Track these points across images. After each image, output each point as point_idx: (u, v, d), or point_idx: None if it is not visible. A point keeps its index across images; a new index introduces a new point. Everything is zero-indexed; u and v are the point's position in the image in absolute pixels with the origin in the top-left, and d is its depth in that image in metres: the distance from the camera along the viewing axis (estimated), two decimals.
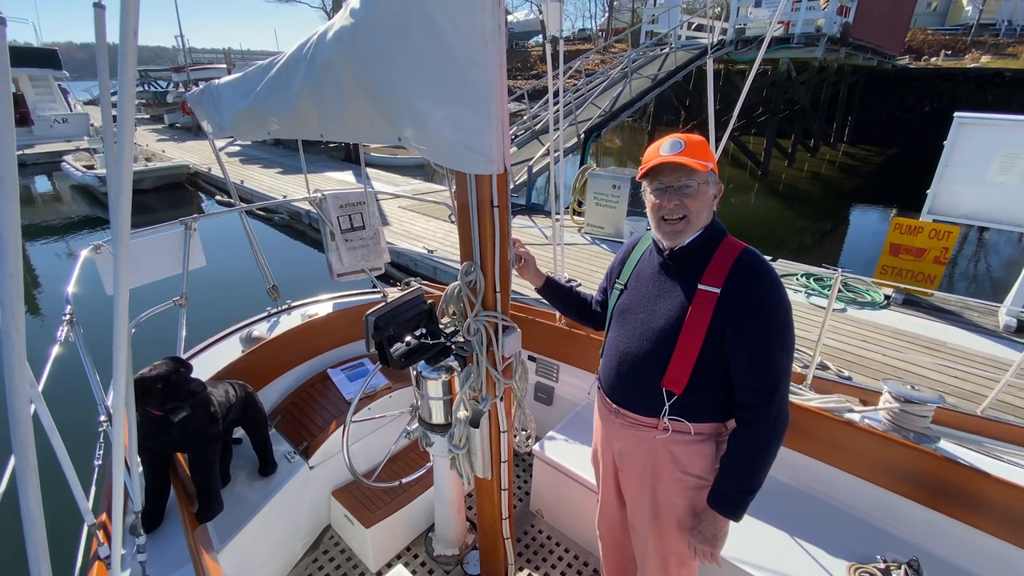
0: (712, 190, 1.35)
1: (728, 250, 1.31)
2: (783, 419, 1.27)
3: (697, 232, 1.36)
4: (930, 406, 1.93)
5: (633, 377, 1.43)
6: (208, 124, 2.49)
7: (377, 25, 1.26)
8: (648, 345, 1.38)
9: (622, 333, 1.47)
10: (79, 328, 1.79)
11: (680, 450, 1.40)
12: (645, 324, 1.40)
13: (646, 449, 1.45)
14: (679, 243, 1.37)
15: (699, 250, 1.35)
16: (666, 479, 1.44)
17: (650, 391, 1.39)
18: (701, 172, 1.30)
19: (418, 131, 1.32)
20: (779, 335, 1.25)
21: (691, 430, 1.37)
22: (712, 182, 1.35)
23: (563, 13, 2.53)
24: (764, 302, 1.25)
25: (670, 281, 1.39)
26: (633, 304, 1.46)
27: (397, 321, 1.57)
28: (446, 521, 2.23)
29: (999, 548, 1.72)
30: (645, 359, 1.39)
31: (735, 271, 1.27)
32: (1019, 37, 25.26)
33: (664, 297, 1.38)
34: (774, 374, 1.25)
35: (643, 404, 1.42)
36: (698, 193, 1.32)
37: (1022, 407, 3.85)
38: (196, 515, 1.73)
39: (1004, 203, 4.74)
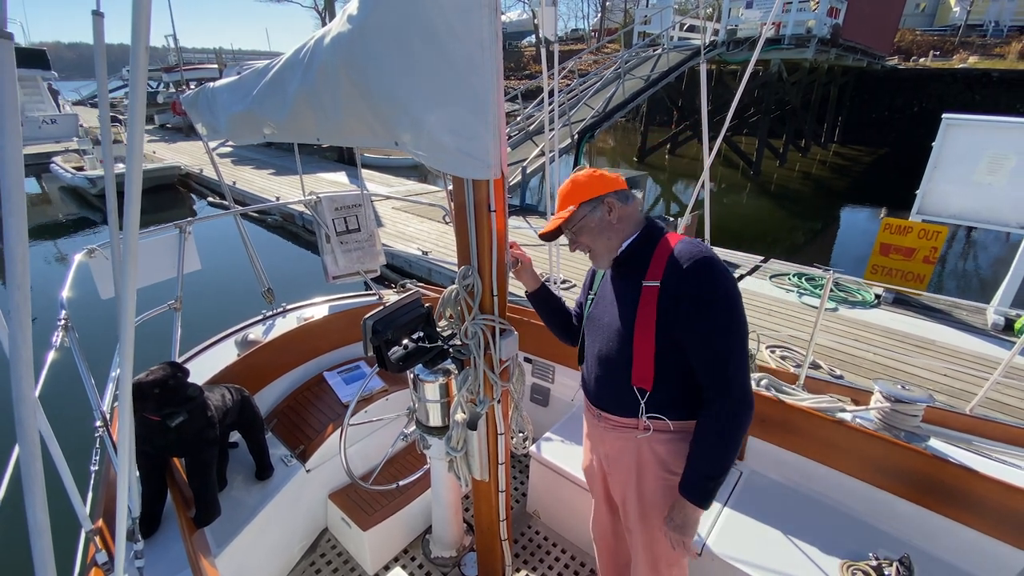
0: (597, 214, 1.43)
1: (666, 245, 1.37)
2: (743, 402, 1.28)
3: (626, 239, 1.44)
4: (920, 405, 1.96)
5: (607, 380, 1.49)
6: (203, 127, 2.48)
7: (375, 31, 1.27)
8: (613, 346, 1.44)
9: (593, 340, 1.55)
10: (74, 333, 1.78)
11: (663, 449, 1.43)
12: (608, 328, 1.47)
13: (631, 450, 1.48)
14: (604, 265, 1.49)
15: (638, 252, 1.41)
16: (651, 479, 1.47)
17: (624, 391, 1.43)
18: (571, 217, 1.44)
19: (416, 136, 1.33)
20: (723, 317, 1.27)
21: (671, 427, 1.41)
22: (591, 210, 1.43)
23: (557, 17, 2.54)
24: (701, 286, 1.27)
25: (621, 284, 1.45)
26: (598, 311, 1.54)
27: (395, 325, 1.58)
28: (443, 523, 2.24)
29: (988, 544, 1.75)
30: (614, 361, 1.44)
31: (671, 261, 1.32)
32: (1006, 38, 25.57)
33: (619, 300, 1.45)
34: (723, 356, 1.27)
35: (621, 405, 1.46)
36: (582, 230, 1.46)
37: (1011, 404, 3.91)
38: (193, 520, 1.73)
39: (991, 203, 4.81)
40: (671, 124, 21.05)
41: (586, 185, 1.44)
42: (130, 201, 0.82)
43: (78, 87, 40.35)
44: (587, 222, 1.44)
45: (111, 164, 1.24)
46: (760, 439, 2.20)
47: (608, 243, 1.44)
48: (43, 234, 10.66)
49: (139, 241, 2.46)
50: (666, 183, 16.71)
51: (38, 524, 0.67)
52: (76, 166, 13.05)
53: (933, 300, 5.58)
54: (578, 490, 2.25)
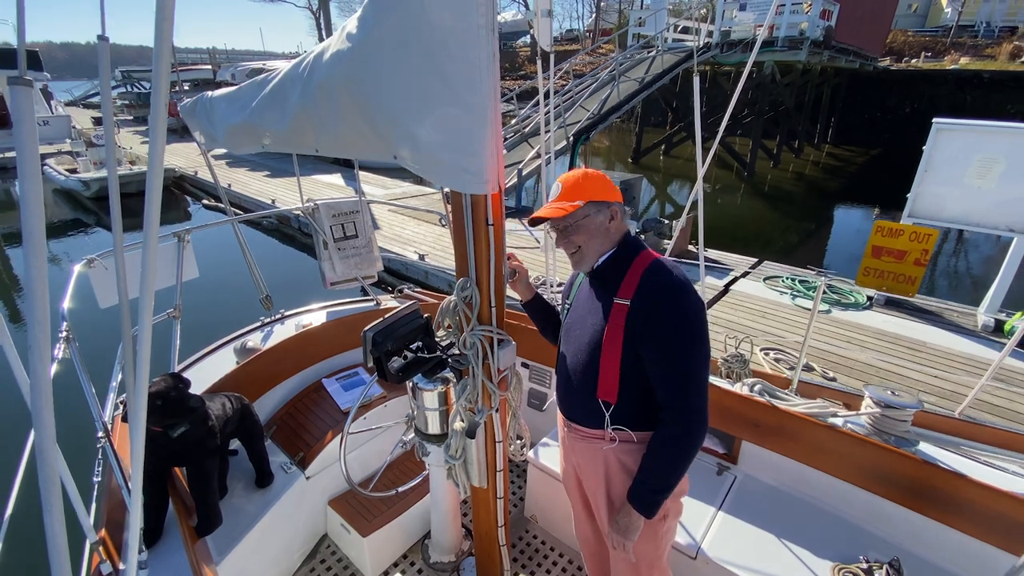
0: (600, 217, 1.42)
1: (640, 263, 1.40)
2: (696, 423, 1.32)
3: (608, 251, 1.45)
4: (909, 411, 2.00)
5: (575, 392, 1.52)
6: (200, 135, 2.50)
7: (374, 50, 1.29)
8: (582, 359, 1.47)
9: (565, 350, 1.57)
10: (75, 344, 1.80)
11: (628, 458, 1.47)
12: (579, 340, 1.50)
13: (598, 460, 1.52)
14: (586, 268, 1.49)
15: (615, 267, 1.44)
16: (619, 487, 1.50)
17: (590, 403, 1.47)
18: (575, 212, 1.40)
19: (414, 152, 1.36)
20: (684, 340, 1.31)
21: (634, 438, 1.45)
22: (596, 212, 1.42)
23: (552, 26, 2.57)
24: (667, 309, 1.31)
25: (594, 298, 1.48)
26: (572, 323, 1.56)
27: (394, 336, 1.60)
28: (442, 529, 2.26)
29: (976, 547, 1.79)
30: (582, 373, 1.48)
31: (643, 282, 1.36)
32: (997, 38, 25.81)
33: (591, 313, 1.47)
34: (682, 379, 1.31)
35: (587, 417, 1.50)
36: (579, 228, 1.43)
37: (1000, 405, 3.97)
38: (195, 529, 1.75)
39: (981, 206, 4.87)
40: (666, 125, 21.12)
41: (598, 185, 1.44)
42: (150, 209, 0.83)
43: (70, 87, 40.05)
44: (588, 222, 1.43)
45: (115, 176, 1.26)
46: (753, 444, 2.23)
47: (599, 248, 1.45)
48: None
49: (137, 251, 2.48)
50: (660, 184, 16.78)
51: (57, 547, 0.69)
52: (69, 168, 12.95)
53: (924, 301, 5.65)
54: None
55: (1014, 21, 27.85)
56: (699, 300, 1.35)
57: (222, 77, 24.35)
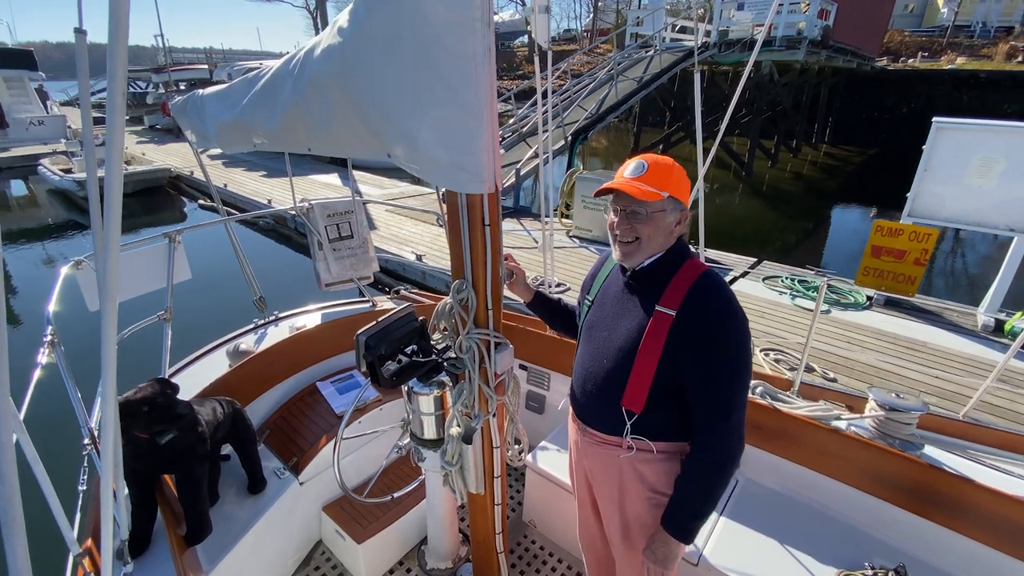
0: (671, 217, 1.33)
1: (688, 273, 1.32)
2: (736, 446, 1.27)
3: (657, 254, 1.36)
4: (914, 414, 1.96)
5: (596, 396, 1.45)
6: (192, 134, 2.45)
7: (366, 45, 1.25)
8: (608, 364, 1.39)
9: (586, 351, 1.49)
10: (61, 348, 1.75)
11: (645, 468, 1.41)
12: (607, 342, 1.41)
13: (614, 467, 1.46)
14: (633, 264, 1.38)
15: (660, 271, 1.35)
16: (634, 496, 1.45)
17: (611, 410, 1.40)
18: (654, 201, 1.29)
19: (408, 150, 1.31)
20: (732, 361, 1.25)
21: (653, 449, 1.39)
22: (671, 209, 1.32)
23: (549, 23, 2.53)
24: (717, 328, 1.25)
25: (632, 300, 1.39)
26: (597, 321, 1.47)
27: (388, 339, 1.56)
28: (439, 535, 2.22)
29: (984, 554, 1.75)
30: (606, 378, 1.40)
31: (692, 294, 1.27)
32: (993, 38, 25.88)
33: (625, 316, 1.38)
34: (727, 400, 1.25)
35: (606, 423, 1.43)
36: (650, 220, 1.31)
37: (1002, 406, 3.95)
38: (184, 538, 1.71)
39: (981, 206, 4.84)
40: (663, 125, 21.10)
41: (682, 182, 1.34)
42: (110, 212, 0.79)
43: (66, 87, 39.81)
44: (661, 217, 1.32)
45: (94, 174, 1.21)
46: (756, 447, 2.19)
47: (656, 248, 1.35)
48: (30, 237, 10.53)
49: (126, 252, 2.44)
50: None
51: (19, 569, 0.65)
52: (64, 168, 12.87)
53: (924, 301, 5.62)
54: (574, 500, 2.23)
55: (1010, 21, 27.93)
56: (745, 318, 1.29)
57: (218, 77, 24.22)
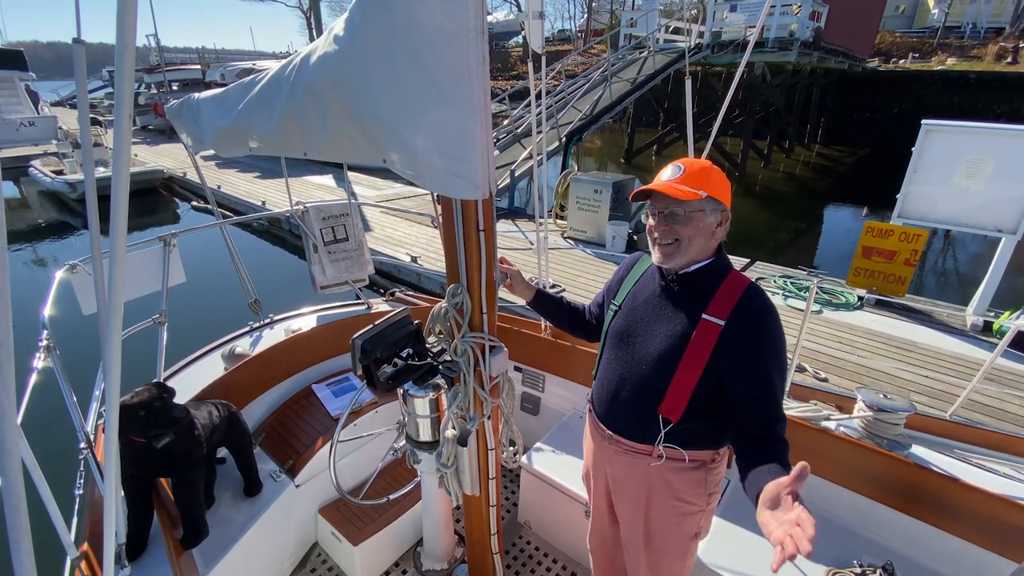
0: (711, 218, 1.30)
1: (735, 284, 1.30)
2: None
3: (702, 261, 1.34)
4: (901, 414, 2.00)
5: (629, 403, 1.41)
6: (188, 137, 2.46)
7: (362, 53, 1.27)
8: (646, 371, 1.36)
9: (618, 357, 1.45)
10: (56, 353, 1.75)
11: (674, 477, 1.40)
12: (643, 349, 1.37)
13: (640, 475, 1.44)
14: (674, 266, 1.35)
15: (706, 278, 1.33)
16: (659, 504, 1.44)
17: (646, 418, 1.37)
18: (692, 200, 1.27)
19: (403, 156, 1.33)
20: (780, 372, 1.27)
21: (685, 457, 1.37)
22: (711, 210, 1.30)
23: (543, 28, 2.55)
24: (768, 340, 1.25)
25: (671, 306, 1.36)
26: (629, 327, 1.43)
27: (384, 343, 1.57)
28: (434, 536, 2.23)
29: (970, 551, 1.79)
30: (642, 385, 1.37)
31: (742, 306, 1.26)
32: (983, 40, 26.14)
33: (664, 322, 1.35)
34: (779, 405, 1.27)
35: (638, 431, 1.41)
36: (689, 220, 1.29)
37: (989, 404, 4.00)
38: (181, 541, 1.71)
39: (969, 207, 4.91)
40: (657, 125, 21.20)
41: (721, 183, 1.31)
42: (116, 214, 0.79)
43: (56, 87, 39.49)
44: (700, 218, 1.29)
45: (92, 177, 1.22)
46: None
47: (696, 251, 1.32)
48: (22, 239, 10.44)
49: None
50: None
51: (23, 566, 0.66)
52: (55, 170, 12.77)
53: (914, 301, 5.69)
54: (569, 500, 2.26)
55: (999, 22, 28.22)
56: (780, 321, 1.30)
57: (211, 77, 24.11)
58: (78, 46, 0.98)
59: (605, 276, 6.40)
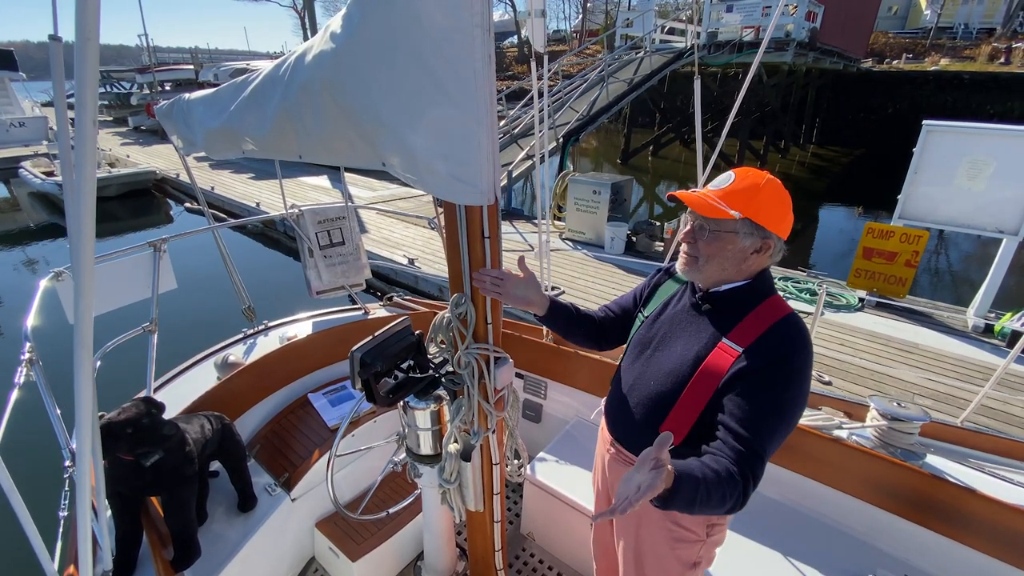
0: (745, 242, 1.18)
1: (769, 311, 1.19)
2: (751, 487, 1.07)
3: (738, 282, 1.24)
4: (916, 423, 1.95)
5: (634, 415, 1.36)
6: (178, 139, 2.38)
7: (360, 51, 1.20)
8: (655, 386, 1.30)
9: (633, 367, 1.39)
10: (39, 366, 1.67)
11: None
12: (657, 364, 1.31)
13: None
14: (695, 280, 1.29)
15: (738, 301, 1.23)
16: (652, 524, 1.38)
17: (647, 433, 1.27)
18: (725, 220, 1.16)
19: (404, 159, 1.27)
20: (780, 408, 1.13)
21: None
22: (745, 233, 1.18)
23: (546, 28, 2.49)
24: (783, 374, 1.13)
25: (695, 324, 1.28)
26: (651, 338, 1.37)
27: (385, 355, 1.51)
28: (436, 550, 2.16)
29: (986, 564, 1.74)
30: (649, 400, 1.31)
31: (769, 338, 1.15)
32: (975, 40, 26.30)
33: (682, 339, 1.28)
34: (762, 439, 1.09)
35: (637, 446, 1.33)
36: (714, 239, 1.20)
37: (997, 409, 3.97)
38: (171, 563, 1.64)
39: (971, 208, 4.89)
40: (653, 126, 21.19)
41: (771, 206, 1.18)
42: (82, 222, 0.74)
43: (48, 87, 39.14)
44: (732, 240, 1.18)
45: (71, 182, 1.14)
46: None
47: (719, 274, 1.23)
48: (12, 241, 10.30)
49: (110, 262, 2.36)
50: (649, 185, 16.81)
51: None
52: (46, 171, 12.61)
53: (915, 302, 5.67)
54: (573, 512, 2.20)
55: (991, 23, 28.41)
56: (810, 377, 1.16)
57: (204, 78, 23.95)
58: (55, 43, 0.91)
59: (604, 278, 6.34)
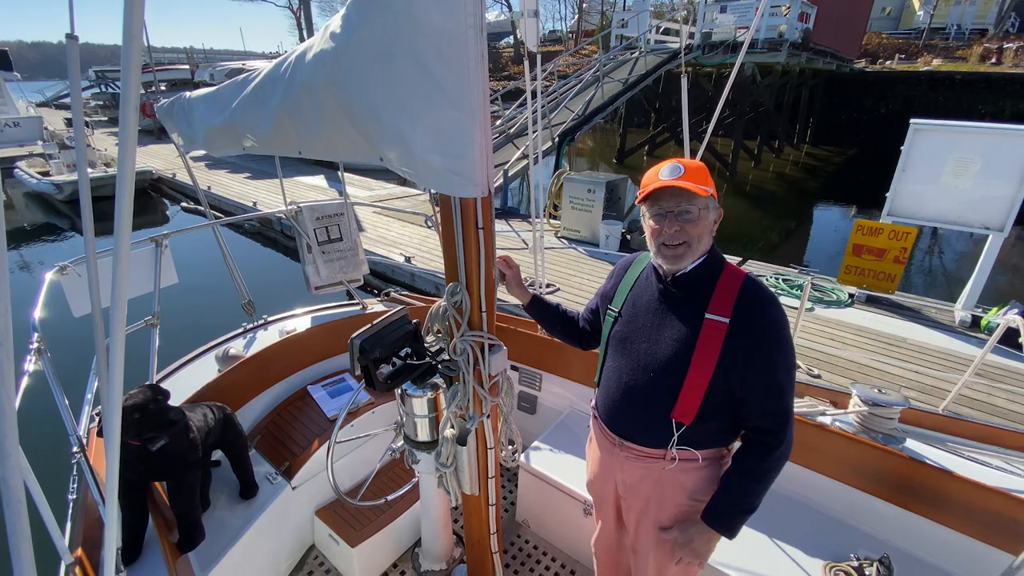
0: (712, 215, 1.33)
1: (731, 278, 1.30)
2: (789, 446, 1.30)
3: (699, 258, 1.34)
4: (896, 408, 2.02)
5: (639, 410, 1.40)
6: (179, 137, 2.43)
7: (360, 51, 1.26)
8: (655, 377, 1.35)
9: (623, 364, 1.43)
10: (47, 355, 1.73)
11: (687, 477, 1.40)
12: (649, 355, 1.37)
13: (653, 479, 1.43)
14: (680, 268, 1.34)
15: (702, 277, 1.33)
16: (672, 506, 1.44)
17: (658, 423, 1.36)
18: (701, 197, 1.28)
19: (401, 154, 1.33)
20: (787, 363, 1.27)
21: (699, 458, 1.37)
22: (712, 207, 1.32)
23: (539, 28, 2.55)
24: (775, 333, 1.25)
25: (673, 309, 1.35)
26: (632, 333, 1.43)
27: (383, 343, 1.56)
28: (433, 536, 2.22)
29: (963, 543, 1.81)
30: (652, 392, 1.36)
31: (743, 301, 1.26)
32: (967, 41, 26.52)
33: (668, 327, 1.35)
34: (787, 399, 1.27)
35: (650, 436, 1.40)
36: (699, 219, 1.29)
37: (979, 399, 4.06)
38: (177, 545, 1.69)
39: (957, 205, 4.98)
40: (648, 126, 21.28)
41: (710, 181, 1.31)
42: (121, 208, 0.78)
43: (42, 87, 38.95)
44: (706, 215, 1.30)
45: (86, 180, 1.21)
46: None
47: (701, 246, 1.32)
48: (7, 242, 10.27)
49: (110, 257, 2.40)
50: None
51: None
52: (41, 171, 12.59)
53: (904, 297, 5.76)
54: (567, 499, 2.26)
55: (983, 24, 28.68)
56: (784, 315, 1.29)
57: (200, 77, 23.92)
58: (72, 42, 0.96)
59: (599, 275, 6.41)
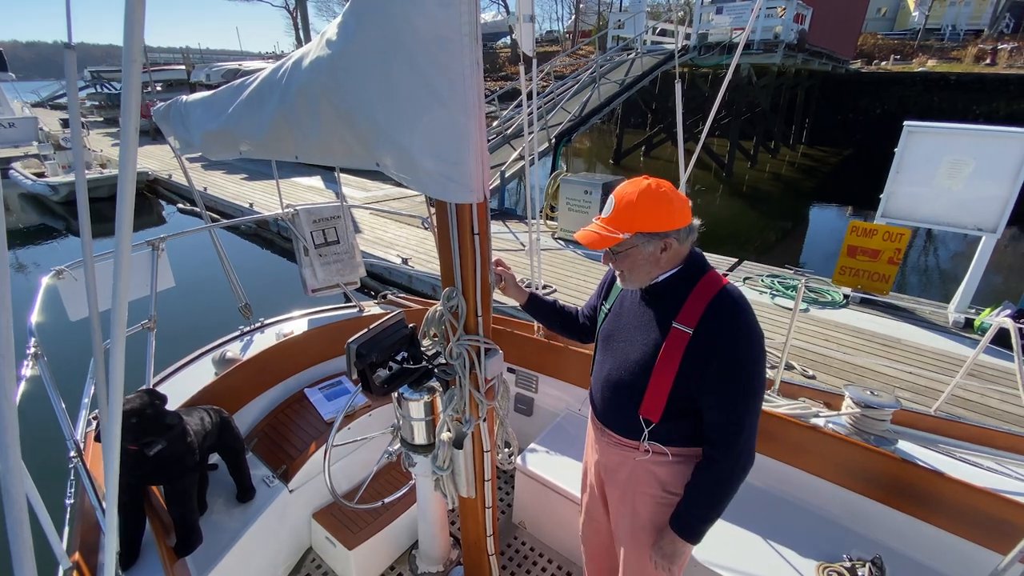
0: (648, 248, 1.31)
1: (706, 288, 1.31)
2: (746, 460, 1.31)
3: (669, 271, 1.36)
4: (888, 410, 2.04)
5: (614, 403, 1.49)
6: (175, 140, 2.43)
7: (356, 58, 1.27)
8: (626, 375, 1.43)
9: (606, 359, 1.52)
10: (44, 360, 1.73)
11: (659, 470, 1.46)
12: (624, 354, 1.44)
13: (628, 467, 1.51)
14: (633, 287, 1.41)
15: (676, 286, 1.36)
16: (646, 496, 1.49)
17: (629, 417, 1.44)
18: (622, 244, 1.31)
19: (397, 160, 1.34)
20: (747, 383, 1.27)
21: (668, 453, 1.43)
22: (644, 243, 1.30)
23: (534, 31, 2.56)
24: (733, 346, 1.26)
25: (649, 314, 1.41)
26: (616, 331, 1.50)
27: (379, 347, 1.57)
28: (430, 539, 2.23)
29: (955, 543, 1.83)
30: (624, 388, 1.44)
31: (709, 312, 1.28)
32: (962, 42, 26.66)
33: (641, 329, 1.41)
34: (738, 417, 1.28)
35: (624, 428, 1.48)
36: (626, 256, 1.34)
37: (973, 400, 4.09)
38: (174, 549, 1.70)
39: (951, 207, 5.02)
40: (646, 127, 21.33)
41: (654, 212, 1.28)
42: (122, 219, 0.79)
43: (37, 87, 38.79)
44: (635, 253, 1.33)
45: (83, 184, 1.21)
46: None
47: (647, 275, 1.37)
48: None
49: (108, 261, 2.40)
50: None
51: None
52: (36, 172, 12.53)
53: (898, 298, 5.79)
54: (564, 501, 2.27)
55: (978, 25, 28.83)
56: (761, 336, 1.29)
57: (196, 78, 23.84)
58: (69, 52, 0.97)
59: (595, 276, 6.43)
